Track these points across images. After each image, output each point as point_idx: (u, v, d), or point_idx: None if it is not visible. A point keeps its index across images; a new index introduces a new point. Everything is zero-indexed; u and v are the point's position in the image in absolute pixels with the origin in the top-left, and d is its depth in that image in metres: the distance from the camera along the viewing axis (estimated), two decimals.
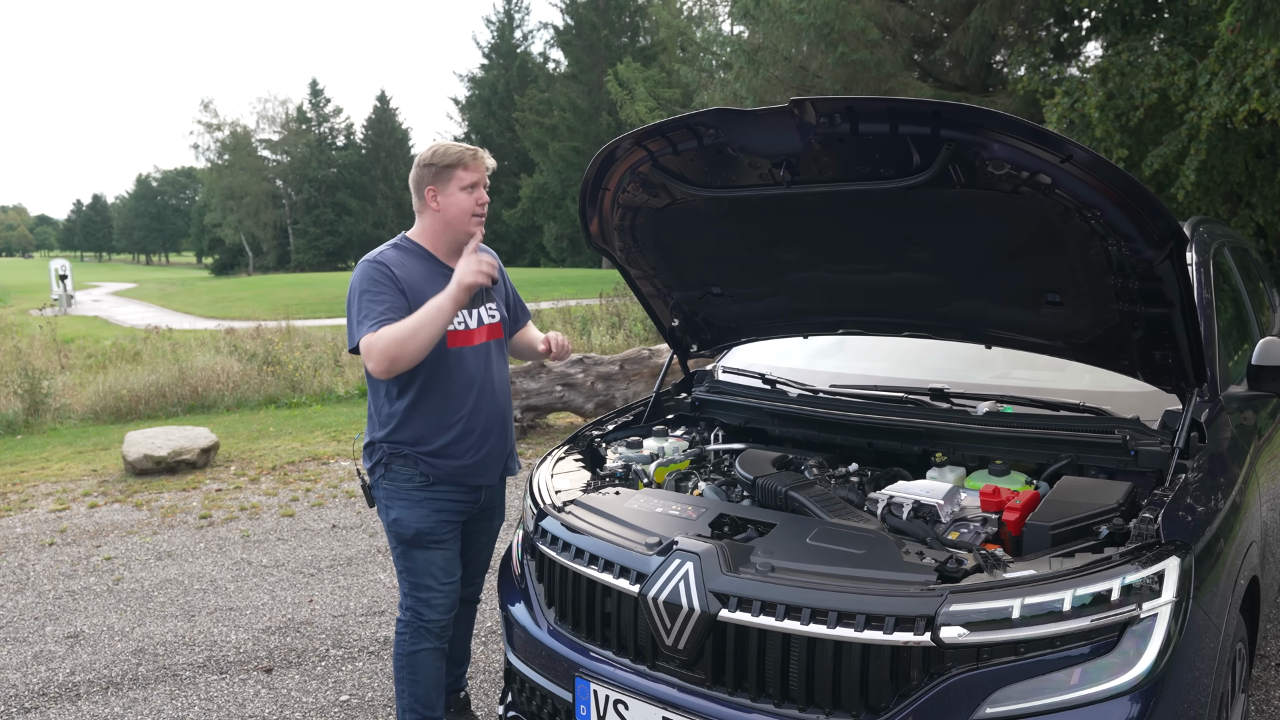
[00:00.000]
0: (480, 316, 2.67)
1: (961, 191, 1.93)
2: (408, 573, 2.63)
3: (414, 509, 2.58)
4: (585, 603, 2.17)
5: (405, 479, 2.59)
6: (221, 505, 5.86)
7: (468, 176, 2.56)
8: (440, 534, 2.62)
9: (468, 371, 2.60)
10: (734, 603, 1.87)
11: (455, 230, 2.60)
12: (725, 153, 2.16)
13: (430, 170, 2.56)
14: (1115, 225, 1.84)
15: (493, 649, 3.68)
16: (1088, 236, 1.90)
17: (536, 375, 7.75)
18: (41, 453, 7.69)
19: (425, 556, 2.61)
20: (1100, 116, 11.17)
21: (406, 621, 2.66)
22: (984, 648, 1.71)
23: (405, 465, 2.59)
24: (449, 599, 2.67)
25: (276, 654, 3.70)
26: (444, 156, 2.55)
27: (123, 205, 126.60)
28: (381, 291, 2.48)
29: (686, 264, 2.75)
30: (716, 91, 19.78)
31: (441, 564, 2.63)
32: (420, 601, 2.63)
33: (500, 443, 2.71)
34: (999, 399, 2.52)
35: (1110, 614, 1.71)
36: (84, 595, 4.42)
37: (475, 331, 2.64)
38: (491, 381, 2.66)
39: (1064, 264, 2.04)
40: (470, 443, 2.61)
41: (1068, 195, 1.83)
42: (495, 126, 53.64)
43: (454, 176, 2.55)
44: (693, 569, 1.94)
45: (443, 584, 2.64)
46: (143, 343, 14.50)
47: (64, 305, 30.11)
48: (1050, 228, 1.95)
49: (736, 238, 2.51)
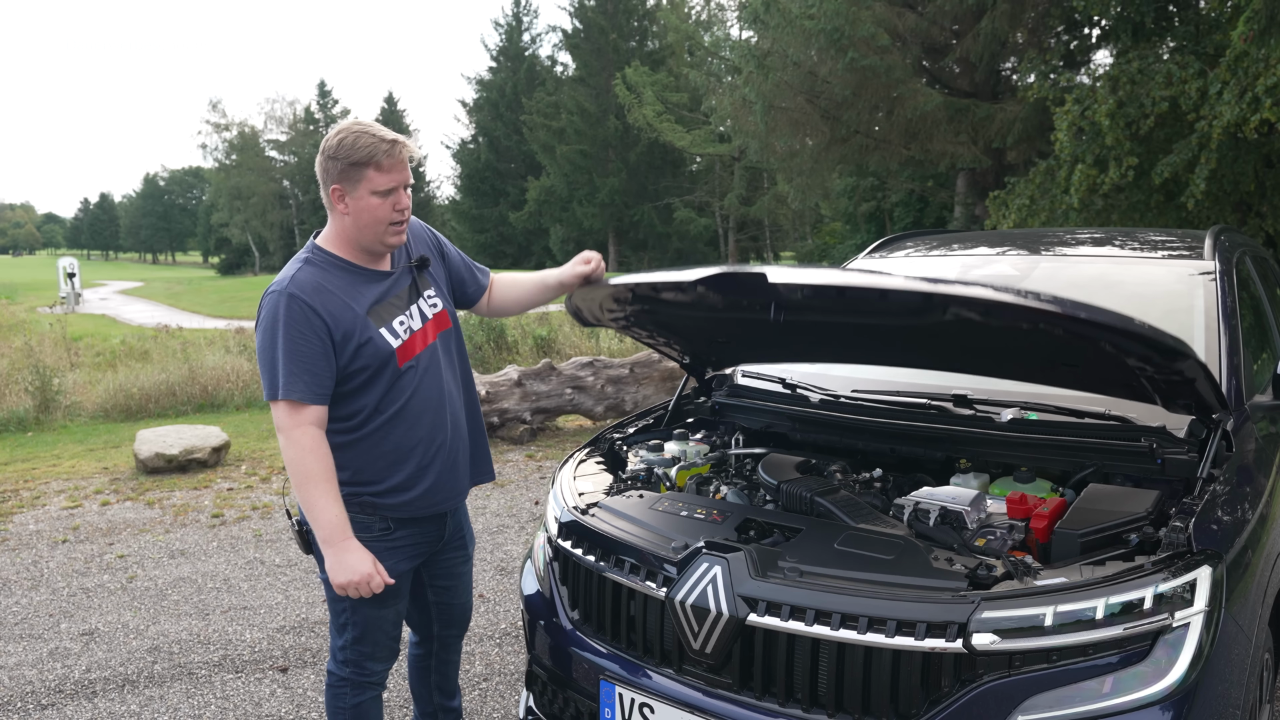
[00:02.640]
0: (421, 312, 2.28)
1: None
2: (353, 626, 2.28)
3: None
4: (610, 605, 2.17)
5: (361, 528, 2.17)
6: (233, 504, 5.87)
7: (381, 180, 2.10)
8: (399, 589, 2.30)
9: (421, 386, 2.23)
10: (763, 607, 1.87)
11: (368, 239, 2.17)
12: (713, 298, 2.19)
13: (335, 165, 2.10)
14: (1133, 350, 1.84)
15: (507, 650, 3.68)
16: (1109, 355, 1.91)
17: (547, 377, 7.76)
18: (53, 450, 7.71)
19: (376, 616, 2.28)
20: (1111, 124, 11.16)
21: (345, 677, 2.34)
22: (1016, 655, 1.71)
23: (360, 513, 2.19)
24: (395, 647, 2.40)
25: (291, 653, 3.70)
26: (351, 150, 2.08)
27: (130, 204, 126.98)
28: (304, 342, 2.07)
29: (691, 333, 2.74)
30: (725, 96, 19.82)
31: (394, 618, 2.34)
32: (365, 655, 2.33)
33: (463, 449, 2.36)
34: (1022, 406, 2.51)
35: (1143, 623, 1.71)
36: (98, 593, 4.43)
37: (419, 333, 2.26)
38: (443, 385, 2.29)
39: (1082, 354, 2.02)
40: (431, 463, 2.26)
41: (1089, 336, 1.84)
42: (503, 129, 53.70)
43: (364, 177, 2.09)
44: (721, 573, 1.94)
45: (391, 635, 2.36)
46: (152, 341, 14.53)
47: (72, 303, 30.22)
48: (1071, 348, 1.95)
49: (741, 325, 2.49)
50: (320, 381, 2.09)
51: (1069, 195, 12.04)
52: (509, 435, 7.64)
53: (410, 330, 2.24)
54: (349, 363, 2.13)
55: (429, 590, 2.53)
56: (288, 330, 2.07)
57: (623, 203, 43.13)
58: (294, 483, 2.09)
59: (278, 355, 2.07)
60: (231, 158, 70.14)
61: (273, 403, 2.10)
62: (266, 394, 2.11)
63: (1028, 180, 13.27)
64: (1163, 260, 3.08)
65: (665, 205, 43.24)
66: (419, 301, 2.29)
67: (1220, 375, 2.50)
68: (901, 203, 32.71)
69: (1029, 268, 3.14)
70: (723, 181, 41.29)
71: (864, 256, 3.74)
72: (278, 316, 2.08)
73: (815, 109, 16.21)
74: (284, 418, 2.08)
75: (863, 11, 14.89)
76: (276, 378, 2.08)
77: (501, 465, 6.76)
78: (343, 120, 2.23)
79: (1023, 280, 3.09)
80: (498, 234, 53.29)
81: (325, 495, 2.08)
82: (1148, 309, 2.85)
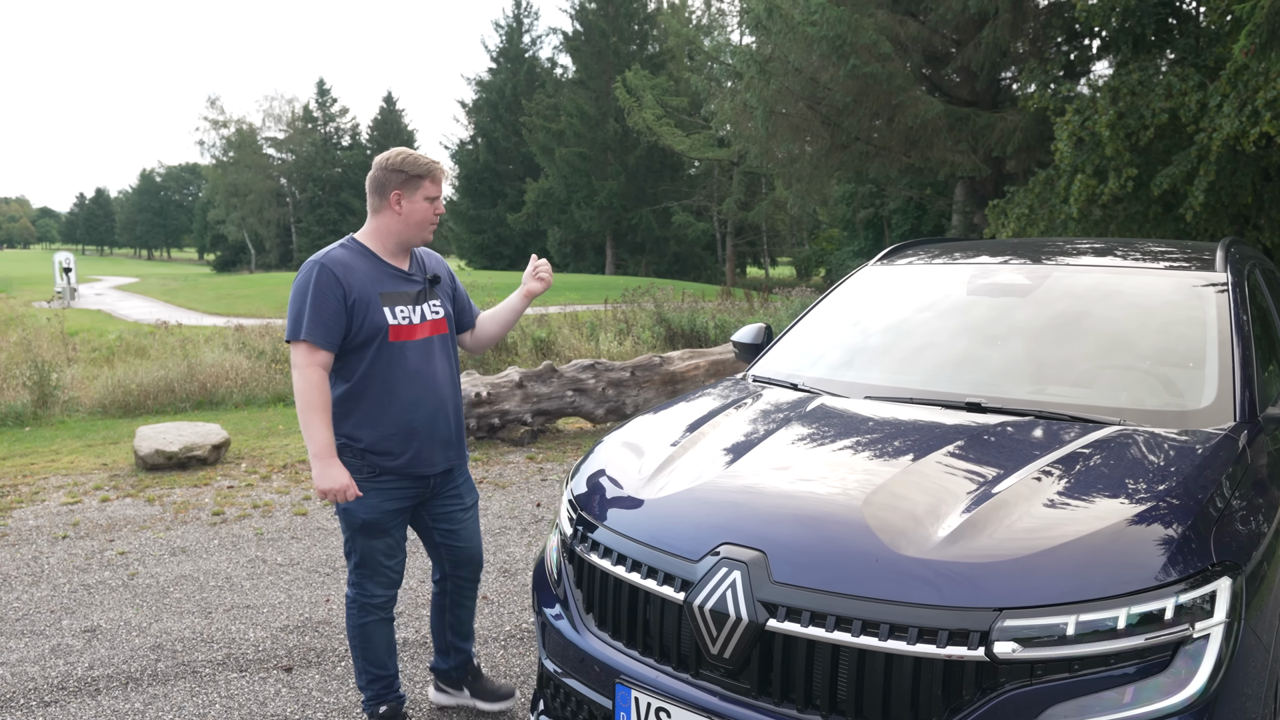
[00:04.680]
0: (423, 313, 2.84)
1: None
2: (354, 554, 2.85)
3: (361, 501, 2.75)
4: (627, 609, 2.17)
5: (354, 470, 2.73)
6: (234, 502, 5.85)
7: (432, 189, 2.77)
8: (386, 524, 2.82)
9: (409, 365, 2.75)
10: (783, 613, 1.87)
11: (412, 234, 2.80)
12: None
13: (400, 176, 2.74)
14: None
15: (513, 652, 3.67)
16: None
17: (548, 379, 7.75)
18: (51, 445, 7.68)
19: (369, 544, 2.82)
20: (1111, 135, 11.21)
21: (353, 599, 2.89)
22: (1038, 664, 1.71)
23: (353, 458, 2.74)
24: (392, 577, 2.90)
25: (296, 653, 3.69)
26: (415, 166, 2.74)
27: (126, 200, 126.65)
28: (326, 301, 2.64)
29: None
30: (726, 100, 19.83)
31: (384, 550, 2.86)
32: (364, 578, 2.86)
33: (445, 434, 2.87)
34: (1036, 414, 2.52)
35: (1163, 633, 1.71)
36: (99, 589, 4.41)
37: (418, 326, 2.81)
38: (435, 375, 2.83)
39: None
40: (411, 436, 2.78)
41: None
42: (501, 130, 53.67)
43: (421, 186, 2.76)
44: (740, 578, 1.94)
45: (385, 565, 2.87)
46: (150, 338, 14.49)
47: (67, 298, 30.10)
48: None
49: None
50: (331, 333, 2.65)
51: (1068, 205, 12.08)
52: (509, 437, 7.63)
53: (409, 320, 2.80)
54: (355, 328, 2.68)
55: (434, 533, 3.02)
56: (316, 289, 2.64)
57: (621, 206, 43.14)
58: (298, 407, 2.63)
59: (305, 306, 2.63)
60: (229, 155, 70.03)
61: (293, 343, 2.64)
62: (289, 335, 2.66)
63: (1027, 190, 13.31)
64: (1173, 271, 3.09)
65: (664, 209, 43.26)
66: (423, 305, 2.86)
67: (1234, 387, 2.51)
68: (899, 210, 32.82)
69: (1041, 276, 3.15)
70: (721, 186, 41.35)
71: (874, 264, 3.75)
72: (310, 277, 2.65)
73: (816, 115, 16.24)
74: (300, 356, 2.63)
75: (865, 19, 14.93)
76: (301, 323, 2.63)
77: (502, 467, 6.76)
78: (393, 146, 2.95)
79: (1034, 289, 3.10)
80: (495, 235, 53.25)
81: (321, 421, 2.63)
82: (1159, 320, 2.87)
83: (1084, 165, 11.79)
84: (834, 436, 2.45)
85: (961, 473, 2.14)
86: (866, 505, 2.01)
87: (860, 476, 2.16)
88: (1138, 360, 2.78)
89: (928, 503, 2.01)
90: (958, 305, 3.19)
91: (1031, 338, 2.93)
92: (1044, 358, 2.87)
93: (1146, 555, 1.80)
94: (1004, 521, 1.91)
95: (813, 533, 1.97)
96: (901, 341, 3.16)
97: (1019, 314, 3.02)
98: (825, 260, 44.73)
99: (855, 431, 2.48)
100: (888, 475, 2.13)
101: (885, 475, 2.13)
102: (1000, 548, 1.83)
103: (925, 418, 2.55)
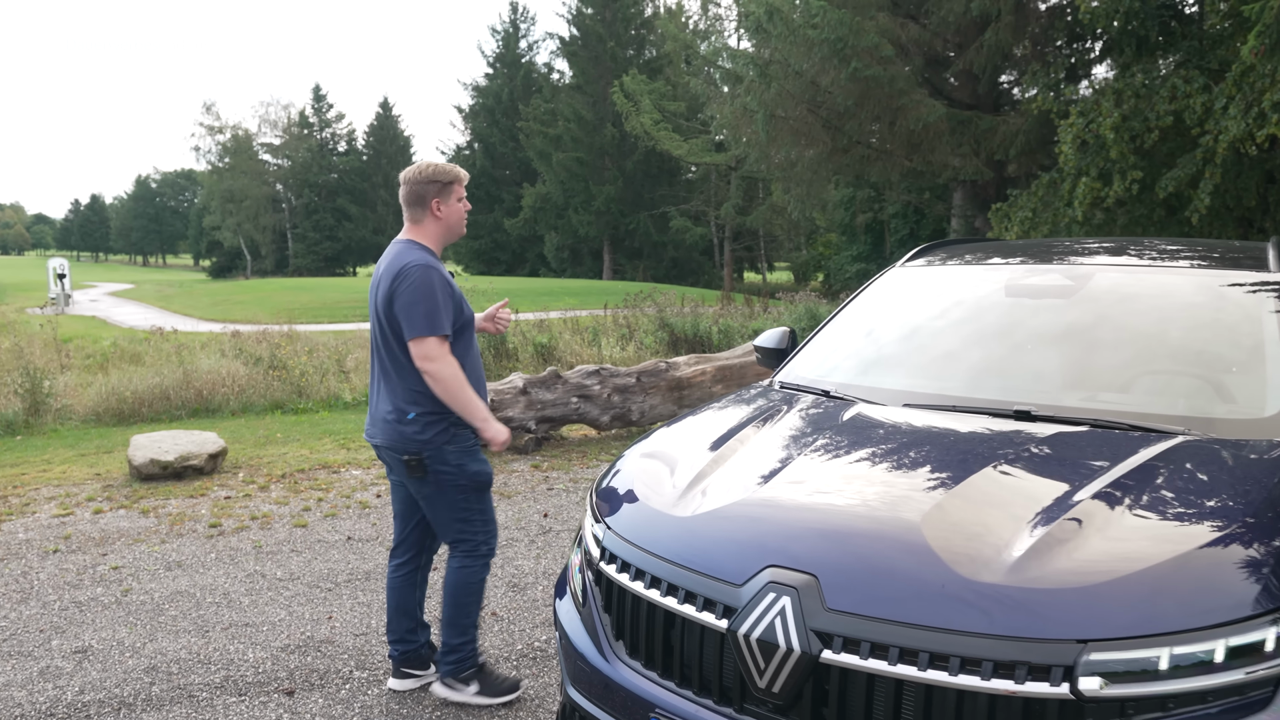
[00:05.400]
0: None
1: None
2: (480, 514, 3.16)
3: (484, 462, 3.14)
4: (662, 636, 2.00)
5: (468, 439, 3.10)
6: (231, 514, 5.67)
7: (461, 190, 3.15)
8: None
9: (474, 350, 3.17)
10: (839, 643, 1.71)
11: (454, 233, 3.17)
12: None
13: (436, 185, 3.08)
14: None
15: (525, 672, 3.49)
16: None
17: (552, 386, 7.58)
18: (43, 454, 7.49)
19: (486, 501, 3.18)
20: (1115, 138, 11.09)
21: (483, 555, 3.20)
22: (1128, 702, 1.55)
23: (464, 427, 3.08)
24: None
25: (297, 675, 3.51)
26: (445, 174, 3.09)
27: (121, 206, 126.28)
28: (445, 298, 2.97)
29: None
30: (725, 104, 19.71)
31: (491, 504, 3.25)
32: (491, 535, 3.21)
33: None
34: (1092, 424, 2.36)
35: (1265, 666, 1.55)
36: (91, 607, 4.22)
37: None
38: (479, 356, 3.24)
39: None
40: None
41: None
42: (498, 135, 53.57)
43: (454, 190, 3.12)
44: (791, 604, 1.77)
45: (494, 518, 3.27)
46: (144, 344, 14.29)
47: (62, 304, 29.89)
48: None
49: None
50: (450, 326, 3.00)
51: (1072, 208, 11.96)
52: (513, 444, 7.45)
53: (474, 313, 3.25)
54: (457, 319, 3.03)
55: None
56: (440, 289, 2.95)
57: (619, 211, 43.02)
58: (452, 391, 2.94)
59: (435, 304, 2.93)
60: (224, 160, 69.80)
61: (422, 339, 2.91)
62: (424, 331, 2.90)
63: (1030, 193, 13.19)
64: (1224, 271, 2.94)
65: (661, 214, 43.14)
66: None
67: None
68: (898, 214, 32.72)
69: (1084, 277, 3.00)
70: (719, 191, 41.25)
71: (901, 265, 3.59)
72: (430, 279, 2.94)
73: (817, 118, 16.12)
74: (435, 348, 2.92)
75: (866, 22, 14.82)
76: (434, 319, 2.92)
77: (507, 475, 6.58)
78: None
79: (1078, 290, 2.95)
80: (492, 240, 53.13)
81: (473, 393, 3.00)
82: (1213, 322, 2.71)
83: (1088, 168, 11.68)
84: (878, 448, 2.28)
85: (1024, 488, 1.98)
86: (926, 524, 1.84)
87: (914, 492, 1.99)
88: (1192, 365, 2.62)
89: (992, 521, 1.85)
90: (996, 307, 3.03)
91: (1078, 341, 2.78)
92: (1092, 363, 2.71)
93: (1241, 580, 1.64)
94: (1081, 543, 1.74)
95: (869, 555, 1.81)
96: (938, 346, 3.00)
97: (1063, 316, 2.87)
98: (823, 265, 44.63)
99: (900, 442, 2.31)
100: (944, 491, 1.97)
101: (941, 491, 1.97)
102: (1081, 572, 1.67)
103: (973, 427, 2.39)
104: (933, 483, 2.03)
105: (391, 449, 3.05)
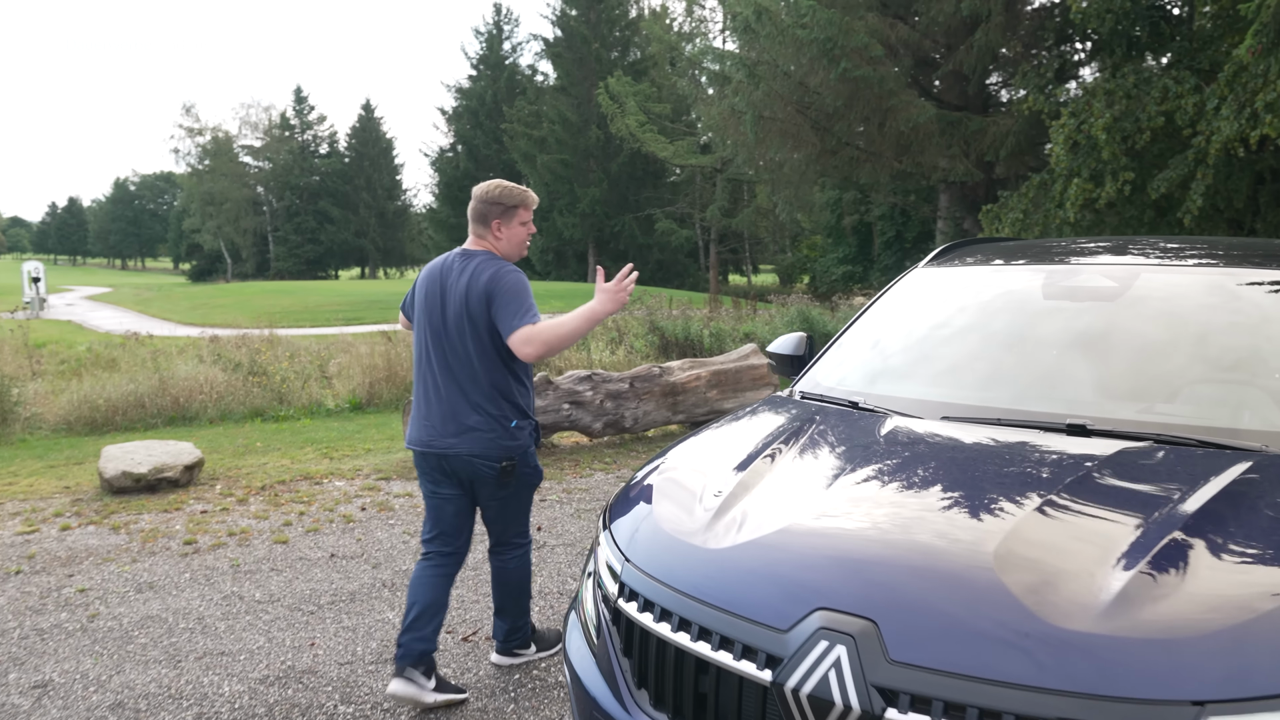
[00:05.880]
0: None
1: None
2: (524, 512, 3.30)
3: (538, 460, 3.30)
4: (693, 686, 1.76)
5: (533, 439, 3.22)
6: (208, 529, 5.38)
7: (525, 214, 3.16)
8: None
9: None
10: (905, 701, 1.48)
11: (512, 255, 3.18)
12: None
13: (499, 207, 3.10)
14: None
15: (525, 706, 3.24)
16: None
17: (543, 392, 7.32)
18: (9, 466, 7.15)
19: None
20: (1107, 139, 10.98)
21: (528, 541, 3.37)
22: None
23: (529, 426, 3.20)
24: None
25: (277, 710, 3.24)
26: (510, 197, 3.11)
27: (99, 209, 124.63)
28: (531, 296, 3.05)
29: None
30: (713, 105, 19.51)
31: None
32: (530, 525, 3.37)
33: None
34: (1155, 439, 2.14)
35: None
36: (54, 635, 3.93)
37: None
38: None
39: None
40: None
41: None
42: (482, 138, 53.18)
43: (516, 214, 3.13)
44: (846, 654, 1.54)
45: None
46: (120, 349, 13.89)
47: (36, 309, 29.30)
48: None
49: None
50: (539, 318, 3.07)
51: (1063, 209, 11.84)
52: None
53: None
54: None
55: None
56: (526, 288, 3.03)
57: (604, 213, 42.76)
58: (564, 334, 2.93)
59: (530, 300, 3.01)
60: (205, 163, 68.99)
61: (524, 327, 2.94)
62: (519, 322, 2.95)
63: (1020, 194, 13.07)
64: (1275, 270, 2.73)
65: (646, 216, 42.92)
66: None
67: None
68: (884, 216, 32.67)
69: (1129, 278, 2.79)
70: (704, 193, 41.08)
71: (925, 266, 3.37)
72: (523, 279, 3.06)
73: (805, 119, 15.95)
74: (533, 329, 2.95)
75: (855, 22, 14.66)
76: (530, 311, 2.99)
77: None
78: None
79: (1123, 293, 2.73)
80: None
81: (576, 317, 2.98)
82: (1274, 326, 2.51)
83: (1080, 169, 11.56)
84: (924, 469, 2.05)
85: (1102, 517, 1.75)
86: (997, 561, 1.62)
87: (977, 522, 1.76)
88: (1256, 374, 2.41)
89: (1073, 556, 1.62)
90: (1035, 311, 2.82)
91: (1127, 348, 2.56)
92: (1145, 371, 2.49)
93: None
94: (1180, 583, 1.52)
95: (935, 597, 1.58)
96: (973, 353, 2.77)
97: (1109, 321, 2.65)
98: (809, 267, 44.56)
99: (948, 462, 2.09)
100: (1011, 521, 1.74)
101: (1008, 521, 1.74)
102: (1187, 619, 1.44)
103: (1024, 443, 2.17)
104: (997, 509, 1.81)
105: (484, 457, 3.06)
